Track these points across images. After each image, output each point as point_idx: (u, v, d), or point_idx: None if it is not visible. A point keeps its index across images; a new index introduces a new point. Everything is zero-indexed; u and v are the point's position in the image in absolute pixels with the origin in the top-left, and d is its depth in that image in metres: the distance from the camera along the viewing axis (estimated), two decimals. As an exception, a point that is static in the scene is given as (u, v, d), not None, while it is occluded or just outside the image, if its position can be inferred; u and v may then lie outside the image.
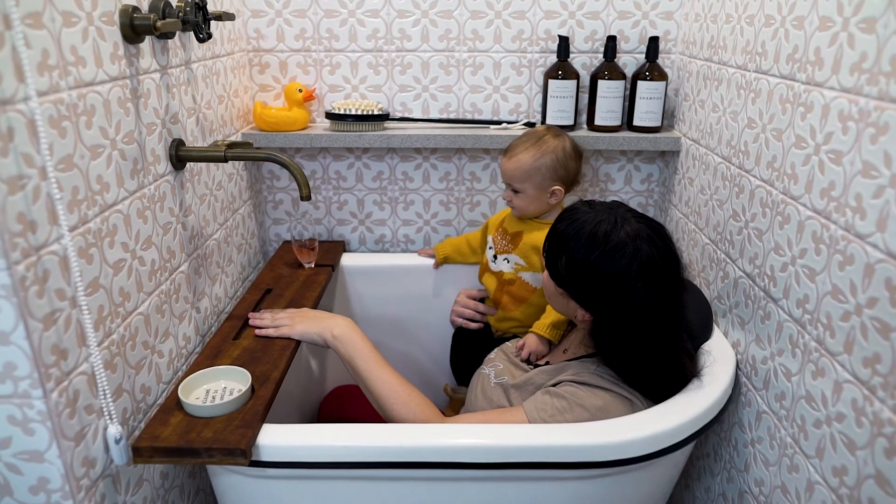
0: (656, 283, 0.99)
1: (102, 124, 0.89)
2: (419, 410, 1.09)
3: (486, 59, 1.57)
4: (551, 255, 1.07)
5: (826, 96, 0.90)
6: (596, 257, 0.99)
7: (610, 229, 1.00)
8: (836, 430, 0.87)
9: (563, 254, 1.03)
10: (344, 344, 1.17)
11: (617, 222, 1.00)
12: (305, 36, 1.55)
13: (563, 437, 0.96)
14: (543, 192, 1.33)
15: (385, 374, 1.13)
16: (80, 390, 0.83)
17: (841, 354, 0.86)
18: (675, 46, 1.55)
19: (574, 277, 1.03)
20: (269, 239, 1.74)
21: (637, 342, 1.02)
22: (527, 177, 1.32)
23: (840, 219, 0.86)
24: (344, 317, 1.23)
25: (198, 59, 1.25)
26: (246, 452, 0.90)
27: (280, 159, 1.11)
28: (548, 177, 1.32)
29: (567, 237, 1.03)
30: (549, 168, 1.31)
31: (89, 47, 0.85)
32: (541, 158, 1.31)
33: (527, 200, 1.35)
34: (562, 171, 1.32)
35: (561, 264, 1.04)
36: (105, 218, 0.90)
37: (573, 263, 1.02)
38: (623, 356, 1.04)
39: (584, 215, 1.03)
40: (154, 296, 1.05)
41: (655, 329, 1.01)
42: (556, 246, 1.06)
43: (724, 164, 1.25)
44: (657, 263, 0.99)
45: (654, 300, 0.99)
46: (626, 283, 0.98)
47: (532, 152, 1.31)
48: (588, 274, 1.01)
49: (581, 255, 1.01)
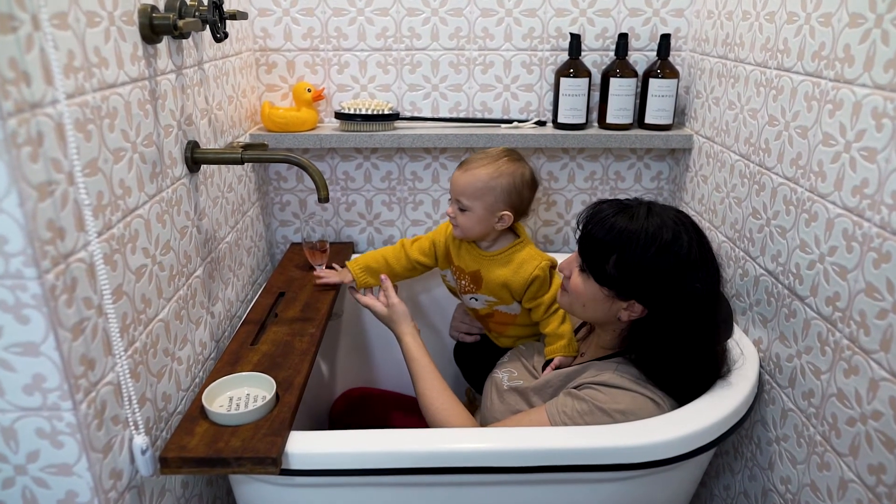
0: (709, 270, 1.00)
1: (124, 127, 0.86)
2: (454, 414, 1.14)
3: (497, 58, 1.55)
4: (595, 256, 1.03)
5: (857, 93, 0.89)
6: (654, 251, 0.98)
7: (657, 221, 0.99)
8: (871, 427, 0.86)
9: (612, 252, 1.00)
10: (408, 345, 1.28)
11: (652, 211, 1.01)
12: (313, 35, 1.53)
13: (597, 440, 0.95)
14: (492, 214, 1.23)
15: (432, 381, 1.20)
16: (108, 401, 0.81)
17: (877, 352, 0.85)
18: (686, 44, 1.54)
19: (630, 275, 1.00)
20: (276, 241, 1.72)
21: (684, 336, 1.01)
22: (479, 194, 1.22)
23: (874, 216, 0.86)
24: (406, 322, 1.30)
25: (209, 59, 1.22)
26: (276, 461, 0.88)
27: (298, 160, 1.09)
28: (500, 199, 1.23)
29: (610, 233, 1.00)
30: (503, 190, 1.22)
31: (111, 48, 0.83)
32: (498, 178, 1.22)
33: (473, 220, 1.24)
34: (515, 197, 1.24)
35: (609, 266, 1.01)
36: (127, 223, 0.88)
37: (628, 261, 0.99)
38: (663, 354, 1.02)
39: (620, 211, 1.02)
40: (173, 301, 1.02)
41: (702, 321, 1.01)
42: (600, 246, 1.02)
43: (742, 162, 1.25)
44: (706, 246, 1.01)
45: (710, 287, 1.00)
46: (690, 270, 0.98)
47: (489, 170, 1.22)
48: (648, 269, 0.99)
49: (637, 251, 0.98)
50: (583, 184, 1.67)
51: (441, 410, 1.15)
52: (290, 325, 1.23)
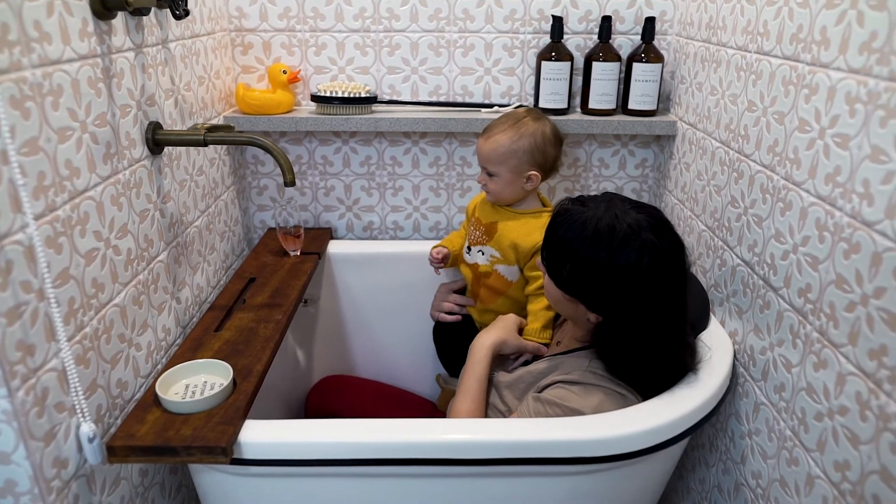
0: (667, 274, 0.95)
1: (71, 105, 0.84)
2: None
3: (478, 40, 1.52)
4: (553, 262, 1.02)
5: (832, 77, 0.86)
6: (604, 257, 0.94)
7: (611, 225, 0.95)
8: (838, 423, 0.84)
9: (566, 260, 0.98)
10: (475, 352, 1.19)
11: (617, 216, 0.96)
12: (290, 15, 1.49)
13: (558, 433, 0.92)
14: (519, 176, 1.27)
15: (472, 389, 1.14)
16: (50, 387, 0.79)
17: (845, 346, 0.83)
18: (672, 27, 1.50)
19: (582, 282, 0.98)
20: (254, 226, 1.70)
21: (645, 338, 0.98)
22: (503, 159, 1.26)
23: (846, 205, 0.83)
24: (500, 334, 1.20)
25: (176, 38, 1.19)
26: (227, 450, 0.86)
27: (263, 143, 1.06)
28: (525, 161, 1.26)
29: (567, 241, 0.98)
30: (526, 152, 1.25)
31: (55, 22, 0.80)
32: (518, 141, 1.25)
33: (501, 184, 1.29)
34: (539, 156, 1.27)
35: (566, 271, 0.99)
36: (75, 205, 0.85)
37: (579, 267, 0.97)
38: (626, 353, 1.00)
39: (580, 215, 0.98)
40: (131, 286, 1.00)
41: (665, 323, 0.98)
42: (557, 253, 1.00)
43: (723, 149, 1.21)
44: (666, 252, 0.95)
45: (666, 292, 0.96)
46: (639, 278, 0.94)
47: (510, 134, 1.25)
48: (597, 276, 0.96)
49: (587, 257, 0.95)
50: (566, 171, 1.64)
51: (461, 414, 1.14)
52: (257, 312, 1.21)
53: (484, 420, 1.05)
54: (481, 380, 1.14)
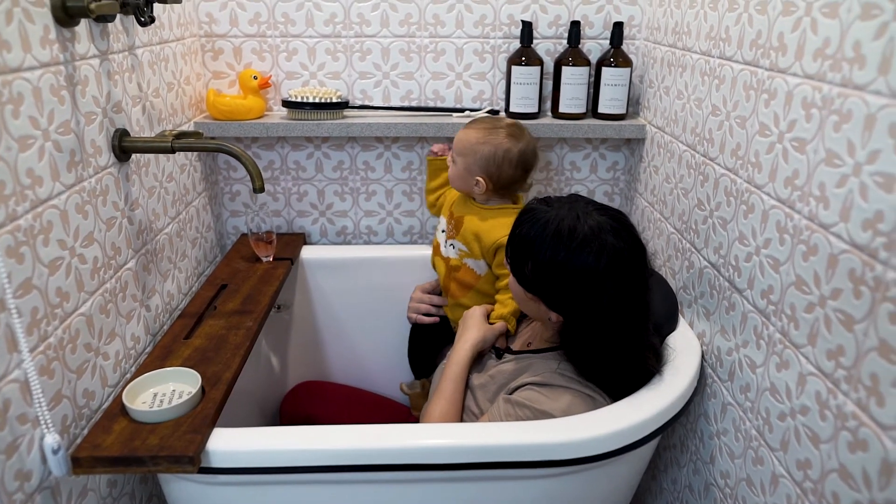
0: (625, 277, 0.96)
1: (32, 113, 0.83)
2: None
3: (449, 45, 1.52)
4: (516, 260, 1.03)
5: (789, 83, 0.88)
6: (563, 258, 0.95)
7: (573, 226, 0.96)
8: (800, 422, 0.85)
9: (528, 258, 0.99)
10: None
11: (579, 218, 0.97)
12: (260, 20, 1.49)
13: (526, 436, 0.93)
14: (469, 175, 1.30)
15: (446, 390, 1.16)
16: (12, 399, 0.78)
17: (805, 346, 0.84)
18: (640, 32, 1.52)
19: (542, 281, 1.00)
20: (227, 232, 1.69)
21: (605, 340, 0.99)
22: (462, 152, 1.30)
23: (804, 208, 0.84)
24: (476, 334, 1.21)
25: (143, 44, 1.18)
26: (194, 459, 0.86)
27: (230, 149, 1.06)
28: (477, 165, 1.28)
29: (529, 240, 0.99)
30: (482, 157, 1.28)
31: (14, 30, 0.79)
32: (481, 145, 1.27)
33: (454, 172, 1.33)
34: (493, 168, 1.28)
35: (528, 269, 1.00)
36: (38, 214, 0.84)
37: (539, 266, 0.98)
38: (590, 355, 1.01)
39: (544, 214, 0.99)
40: (97, 295, 0.99)
41: (624, 325, 0.99)
42: (519, 251, 1.02)
43: (689, 152, 1.23)
44: (625, 256, 0.96)
45: (624, 295, 0.97)
46: (596, 280, 0.95)
47: (479, 135, 1.28)
48: (556, 275, 0.97)
49: (547, 256, 0.97)
50: (538, 174, 1.65)
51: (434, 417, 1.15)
52: (228, 319, 1.21)
53: (456, 424, 1.05)
54: (457, 381, 1.15)
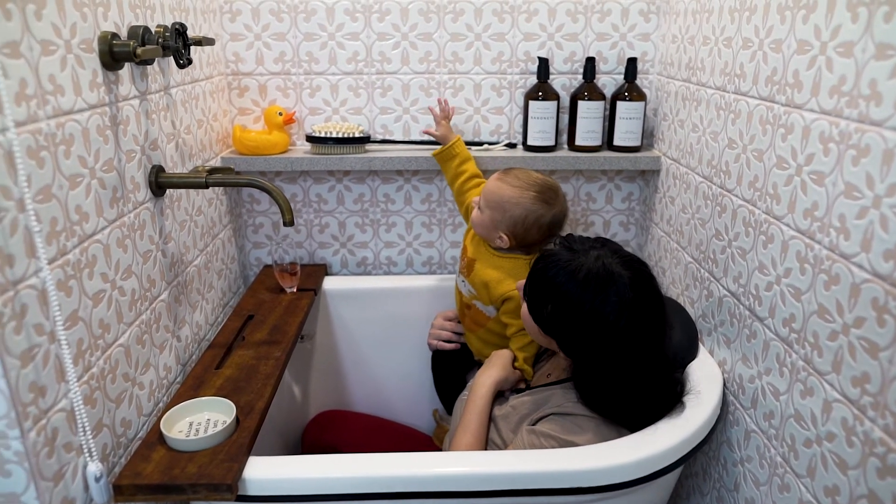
0: (641, 329, 0.98)
1: (81, 153, 0.87)
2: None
3: (467, 81, 1.57)
4: (535, 299, 1.05)
5: (806, 118, 0.91)
6: (588, 309, 0.97)
7: (593, 277, 0.98)
8: (826, 449, 0.87)
9: (549, 301, 1.02)
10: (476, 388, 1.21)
11: (603, 266, 0.99)
12: (285, 59, 1.54)
13: (552, 464, 0.95)
14: (494, 228, 1.27)
15: (471, 422, 1.16)
16: (59, 428, 0.80)
17: (829, 374, 0.86)
18: (653, 67, 1.57)
19: (561, 325, 1.02)
20: (250, 263, 1.72)
21: (617, 387, 1.01)
22: (492, 206, 1.26)
23: (824, 238, 0.87)
24: (500, 373, 1.22)
25: (177, 83, 1.23)
26: (232, 487, 0.88)
27: (262, 184, 1.10)
28: (505, 222, 1.26)
29: (555, 285, 1.01)
30: (511, 216, 1.25)
31: (68, 75, 0.84)
32: (513, 204, 1.24)
33: (481, 221, 1.29)
34: (520, 229, 1.26)
35: (547, 311, 1.03)
36: (84, 248, 0.88)
37: (561, 312, 1.01)
38: (601, 393, 1.03)
39: (567, 263, 1.01)
40: (134, 326, 1.02)
41: (638, 373, 1.01)
42: (541, 291, 1.04)
43: (706, 184, 1.26)
44: (643, 309, 0.98)
45: (639, 346, 0.99)
46: (615, 334, 0.97)
47: (513, 192, 1.24)
48: (576, 323, 0.99)
49: (566, 305, 0.99)
50: (555, 205, 1.68)
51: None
52: (257, 349, 1.23)
53: (482, 452, 1.07)
54: (482, 415, 1.16)
